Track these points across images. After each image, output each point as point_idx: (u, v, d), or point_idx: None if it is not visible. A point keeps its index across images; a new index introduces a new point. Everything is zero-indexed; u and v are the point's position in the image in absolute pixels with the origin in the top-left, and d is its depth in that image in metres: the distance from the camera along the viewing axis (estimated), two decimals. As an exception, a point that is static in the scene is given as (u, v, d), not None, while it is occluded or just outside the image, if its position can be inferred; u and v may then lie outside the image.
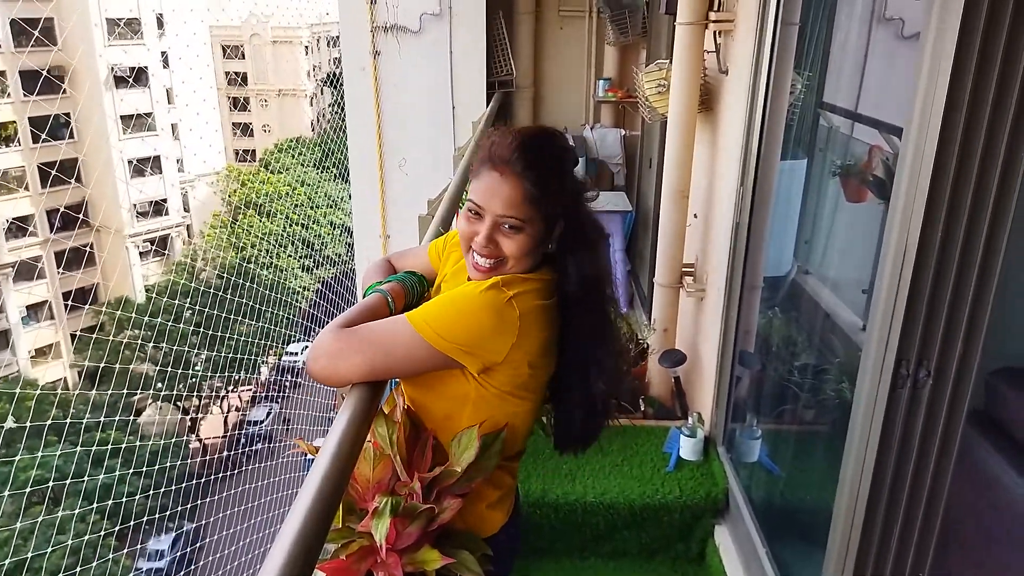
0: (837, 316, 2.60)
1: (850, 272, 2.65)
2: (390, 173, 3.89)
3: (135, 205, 23.94)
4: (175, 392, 18.52)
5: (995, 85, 1.33)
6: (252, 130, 31.74)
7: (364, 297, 1.31)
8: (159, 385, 17.94)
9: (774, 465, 2.68)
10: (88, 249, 21.63)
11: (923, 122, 1.40)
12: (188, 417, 19.85)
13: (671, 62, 2.80)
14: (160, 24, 23.95)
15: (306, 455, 1.24)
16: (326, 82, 29.90)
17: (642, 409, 3.06)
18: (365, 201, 3.90)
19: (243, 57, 31.29)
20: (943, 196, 1.37)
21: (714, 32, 2.66)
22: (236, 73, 31.21)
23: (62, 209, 20.82)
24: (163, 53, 24.17)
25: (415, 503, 1.13)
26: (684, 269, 3.01)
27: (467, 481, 1.19)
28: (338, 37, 4.72)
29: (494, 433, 1.20)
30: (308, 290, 22.57)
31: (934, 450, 1.51)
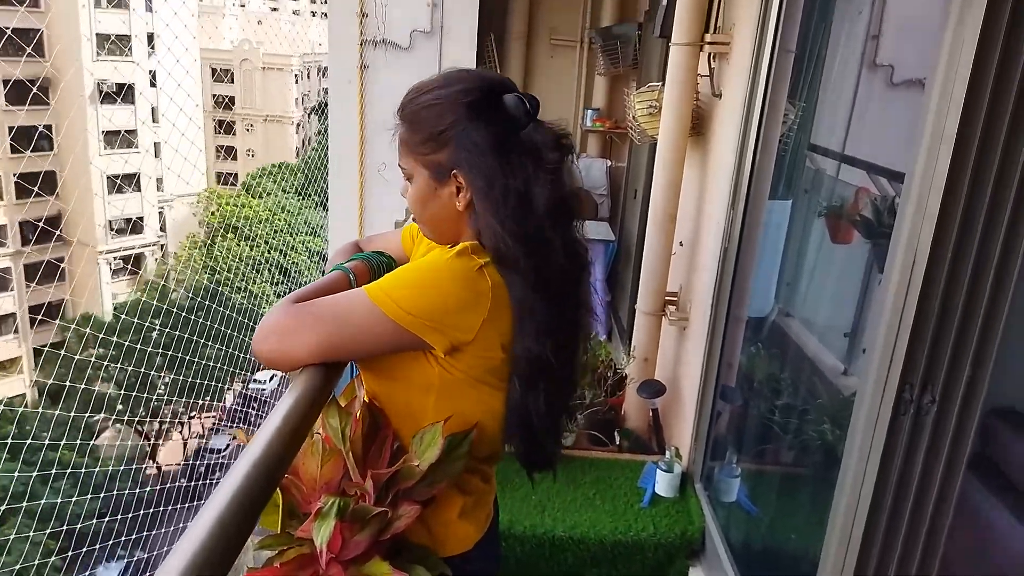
0: (818, 359, 2.53)
1: (832, 315, 2.59)
2: (370, 178, 3.79)
3: (111, 222, 23.58)
4: (136, 416, 17.97)
5: (1007, 125, 1.25)
6: (236, 154, 31.61)
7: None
8: (120, 407, 17.39)
9: (752, 505, 2.56)
10: (61, 264, 21.19)
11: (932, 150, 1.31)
12: (147, 442, 19.25)
13: (663, 84, 2.74)
14: (151, 42, 23.91)
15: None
16: (314, 110, 29.95)
17: (617, 442, 2.93)
18: (343, 206, 3.78)
19: (232, 81, 31.31)
20: (958, 198, 1.28)
21: (709, 55, 2.61)
22: (224, 96, 31.19)
23: (41, 224, 20.42)
24: (151, 72, 24.09)
25: (366, 505, 0.99)
26: (667, 298, 2.91)
27: (428, 485, 1.05)
28: (328, 68, 4.64)
29: (461, 433, 1.07)
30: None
31: (936, 484, 1.40)
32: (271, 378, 20.35)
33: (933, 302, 1.33)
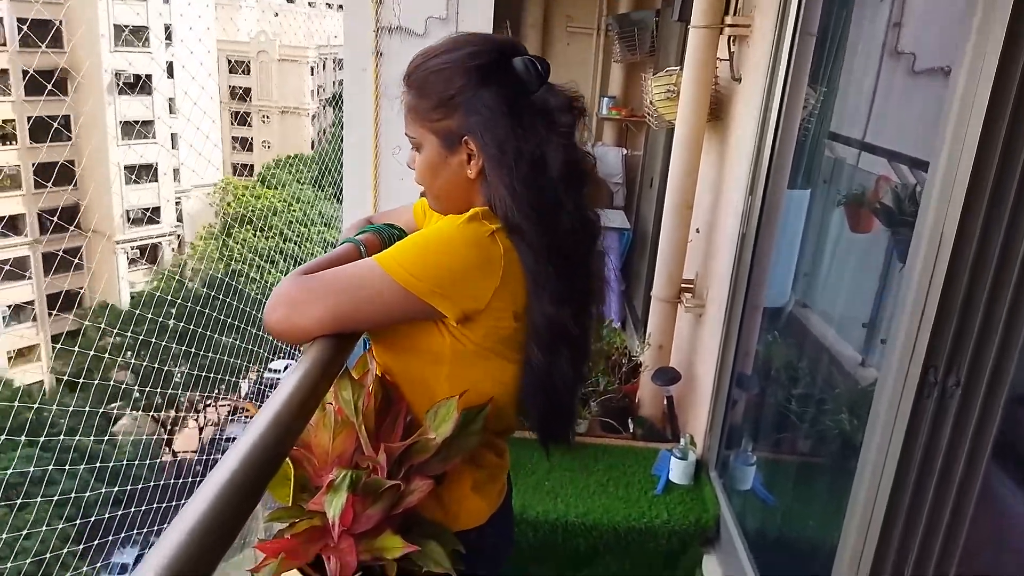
0: (836, 349, 2.51)
1: (850, 306, 2.56)
2: (384, 166, 3.77)
3: (128, 212, 23.78)
4: (152, 404, 18.11)
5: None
6: (252, 145, 31.74)
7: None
8: (136, 395, 17.52)
9: (768, 494, 2.53)
10: (78, 254, 21.37)
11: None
12: (163, 429, 19.42)
13: (681, 69, 2.70)
14: (168, 34, 24.03)
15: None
16: (329, 102, 30.01)
17: (631, 429, 2.91)
18: (357, 192, 3.77)
19: (248, 72, 31.42)
20: (985, 182, 1.24)
21: (728, 38, 2.57)
22: (240, 88, 31.32)
23: (57, 214, 20.58)
24: (168, 63, 24.22)
25: (379, 479, 0.97)
26: (683, 285, 2.88)
27: (442, 460, 1.04)
28: (342, 60, 4.63)
29: (476, 407, 1.05)
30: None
31: (959, 469, 1.37)
32: (286, 367, 20.45)
33: (960, 282, 1.30)
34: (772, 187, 2.43)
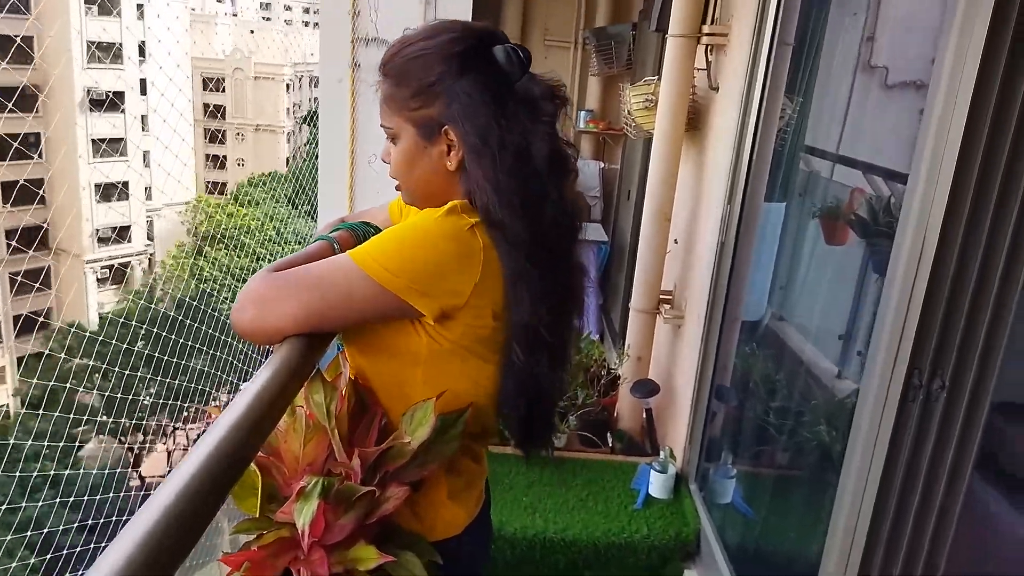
0: (812, 362, 2.51)
1: (826, 318, 2.57)
2: (360, 179, 3.73)
3: (97, 231, 23.38)
4: (120, 427, 17.69)
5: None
6: (225, 163, 31.47)
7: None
8: (104, 417, 17.11)
9: (748, 507, 2.50)
10: (43, 274, 20.93)
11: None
12: (131, 453, 18.98)
13: (659, 78, 2.70)
14: (142, 52, 23.82)
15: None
16: (305, 120, 29.89)
17: (610, 443, 2.87)
18: (333, 206, 3.72)
19: (223, 90, 31.22)
20: (969, 179, 1.23)
21: (706, 47, 2.57)
22: (215, 105, 31.09)
23: (17, 234, 20.16)
24: (141, 80, 23.98)
25: (352, 484, 0.92)
26: (662, 296, 2.86)
27: (419, 467, 0.99)
28: (319, 79, 4.60)
29: (455, 412, 1.01)
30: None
31: (945, 473, 1.35)
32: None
33: (944, 283, 1.28)
34: (750, 196, 2.42)
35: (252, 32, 33.55)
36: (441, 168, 1.01)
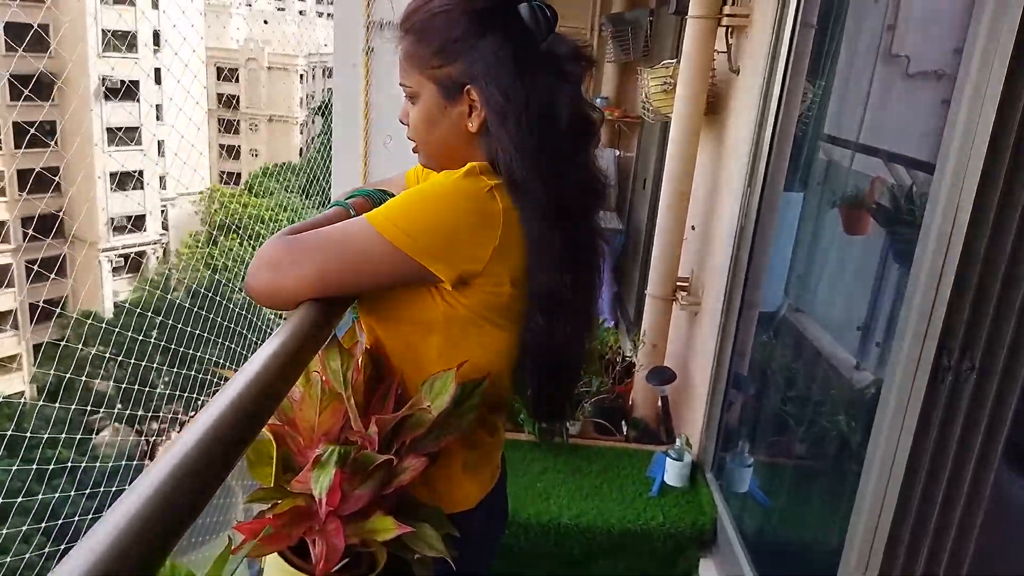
0: (830, 353, 2.48)
1: (845, 309, 2.53)
2: (374, 163, 3.72)
3: (112, 219, 23.53)
4: (136, 415, 17.79)
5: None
6: (239, 153, 31.58)
7: None
8: (119, 406, 17.22)
9: (765, 497, 2.47)
10: (59, 262, 21.05)
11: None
12: (147, 442, 19.10)
13: (678, 61, 2.66)
14: (156, 40, 23.88)
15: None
16: (318, 111, 29.93)
17: (625, 431, 2.84)
18: (347, 184, 3.71)
19: (237, 80, 31.31)
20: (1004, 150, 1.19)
21: (727, 29, 2.53)
22: (229, 95, 31.18)
23: (33, 222, 20.29)
24: (156, 69, 24.06)
25: (370, 453, 0.90)
26: (678, 283, 2.83)
27: (436, 438, 0.97)
28: (332, 69, 4.58)
29: (473, 382, 0.98)
30: (282, 316, 22.02)
31: (973, 457, 1.31)
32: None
33: (975, 262, 1.24)
34: (771, 180, 2.39)
35: (266, 22, 33.58)
36: (462, 129, 0.98)
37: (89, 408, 15.80)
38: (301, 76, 31.89)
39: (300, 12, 36.57)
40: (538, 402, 1.08)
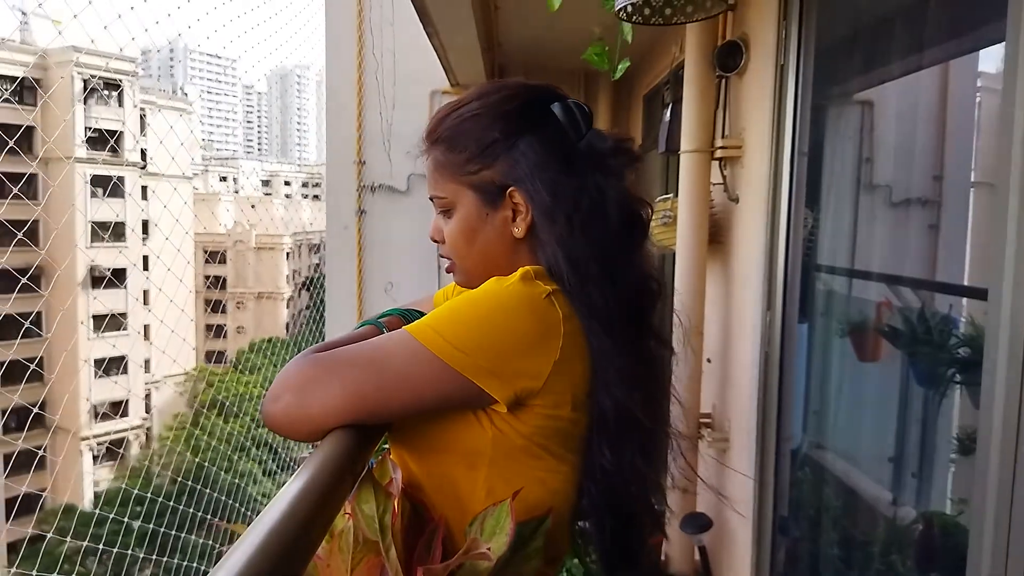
0: (861, 489, 2.33)
1: (870, 440, 2.41)
2: (367, 305, 3.64)
3: (95, 406, 23.04)
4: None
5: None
6: (226, 332, 31.68)
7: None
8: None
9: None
10: (40, 452, 20.32)
11: None
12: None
13: (675, 195, 2.67)
14: (145, 229, 24.57)
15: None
16: (304, 286, 30.44)
17: (661, 590, 2.56)
18: (342, 330, 3.62)
19: (224, 262, 32.03)
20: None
21: (720, 161, 2.56)
22: (216, 277, 31.77)
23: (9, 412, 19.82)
24: (144, 256, 24.57)
25: (417, 619, 0.72)
26: (701, 419, 2.67)
27: (493, 592, 0.78)
28: (319, 245, 4.65)
29: (535, 521, 0.81)
30: (268, 497, 21.11)
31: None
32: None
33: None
34: (789, 304, 2.31)
35: (253, 207, 34.91)
36: (507, 236, 0.89)
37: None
38: (288, 254, 32.76)
39: (287, 195, 38.21)
40: (607, 553, 0.91)
